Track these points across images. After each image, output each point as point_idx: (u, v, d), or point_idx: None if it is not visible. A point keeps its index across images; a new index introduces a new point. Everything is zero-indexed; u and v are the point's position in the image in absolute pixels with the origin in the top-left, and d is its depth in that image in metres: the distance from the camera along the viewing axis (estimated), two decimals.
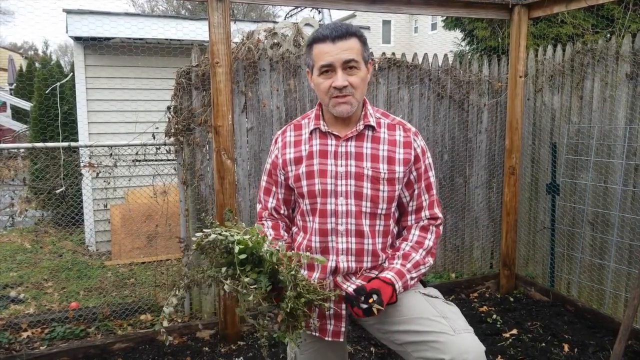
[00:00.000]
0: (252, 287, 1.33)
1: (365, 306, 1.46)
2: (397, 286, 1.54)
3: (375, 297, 1.45)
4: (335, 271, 1.62)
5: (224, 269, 1.36)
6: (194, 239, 1.39)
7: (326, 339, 1.65)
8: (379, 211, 1.61)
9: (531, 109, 3.95)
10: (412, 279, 1.60)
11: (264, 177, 1.77)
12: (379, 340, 1.70)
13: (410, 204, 1.68)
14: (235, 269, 1.33)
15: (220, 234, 1.35)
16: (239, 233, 1.35)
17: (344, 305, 1.63)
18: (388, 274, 1.56)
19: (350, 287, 1.61)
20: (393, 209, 1.66)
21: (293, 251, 1.54)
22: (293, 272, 1.38)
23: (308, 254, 1.48)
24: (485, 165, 4.13)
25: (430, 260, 1.66)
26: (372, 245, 1.62)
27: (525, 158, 3.99)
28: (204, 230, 1.37)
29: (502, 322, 3.41)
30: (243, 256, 1.32)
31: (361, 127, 1.61)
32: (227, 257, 1.35)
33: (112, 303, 3.69)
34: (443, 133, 4.00)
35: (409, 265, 1.60)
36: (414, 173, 1.65)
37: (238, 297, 1.35)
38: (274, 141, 1.76)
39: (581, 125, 3.54)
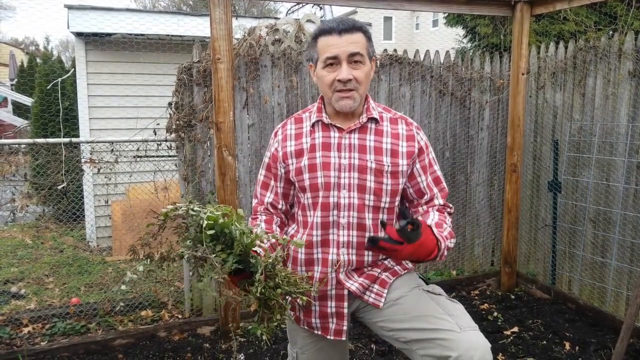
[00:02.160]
0: (217, 264, 1.30)
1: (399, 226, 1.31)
2: (441, 245, 1.45)
3: (415, 227, 1.32)
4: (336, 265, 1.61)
5: (189, 242, 1.34)
6: (163, 210, 1.35)
7: (328, 337, 1.64)
8: (382, 204, 1.60)
9: (533, 106, 3.94)
10: (447, 248, 1.51)
11: (262, 172, 1.74)
12: (381, 337, 1.69)
13: (424, 197, 1.66)
14: (202, 243, 1.31)
15: (192, 209, 1.33)
16: (213, 211, 1.33)
17: (345, 304, 1.62)
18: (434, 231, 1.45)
19: (353, 285, 1.60)
20: (397, 203, 1.64)
21: (275, 235, 1.50)
22: (270, 261, 1.35)
23: (286, 237, 1.43)
24: (486, 163, 4.12)
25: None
26: None
27: (527, 155, 3.98)
28: (176, 203, 1.35)
29: (503, 320, 3.41)
30: (211, 232, 1.29)
31: (364, 119, 1.60)
32: (198, 234, 1.32)
33: (112, 299, 3.69)
34: (444, 130, 3.99)
35: (445, 233, 1.51)
36: (418, 165, 1.63)
37: (200, 271, 1.33)
38: (273, 134, 1.73)
39: (583, 123, 3.53)
